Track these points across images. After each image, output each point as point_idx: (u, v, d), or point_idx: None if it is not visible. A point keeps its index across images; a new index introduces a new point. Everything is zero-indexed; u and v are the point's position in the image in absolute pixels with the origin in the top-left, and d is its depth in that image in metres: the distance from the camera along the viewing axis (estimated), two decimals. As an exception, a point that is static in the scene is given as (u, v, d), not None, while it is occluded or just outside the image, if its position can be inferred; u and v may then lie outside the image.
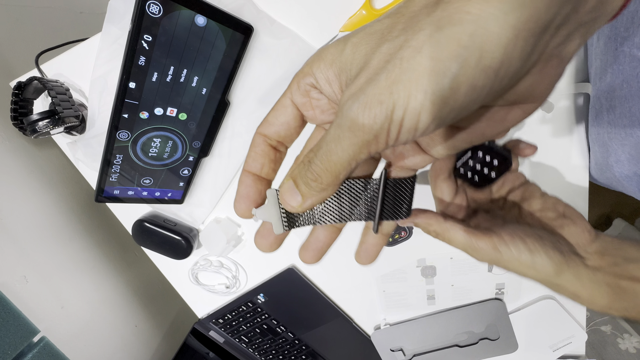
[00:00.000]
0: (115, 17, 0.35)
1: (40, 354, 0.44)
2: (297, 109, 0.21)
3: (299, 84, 0.20)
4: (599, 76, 0.36)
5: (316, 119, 0.22)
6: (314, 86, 0.19)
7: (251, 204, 0.23)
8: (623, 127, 0.34)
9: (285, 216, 0.23)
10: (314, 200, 0.19)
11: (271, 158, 0.23)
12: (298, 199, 0.19)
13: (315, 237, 0.26)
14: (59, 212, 0.54)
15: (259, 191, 0.23)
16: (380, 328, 0.56)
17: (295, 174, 0.19)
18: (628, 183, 0.38)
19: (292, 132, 0.22)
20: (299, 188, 0.19)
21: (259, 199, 0.23)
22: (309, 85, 0.20)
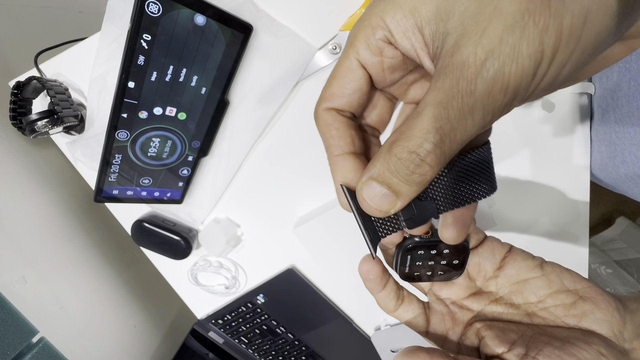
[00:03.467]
0: (114, 16, 0.35)
1: (39, 354, 0.44)
2: (366, 69, 0.17)
3: (369, 40, 0.16)
4: (606, 74, 0.36)
5: (385, 81, 0.18)
6: (388, 41, 0.16)
7: None
8: (631, 126, 0.34)
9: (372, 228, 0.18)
10: (413, 197, 0.15)
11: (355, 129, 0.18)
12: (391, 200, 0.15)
13: None
14: (57, 212, 0.54)
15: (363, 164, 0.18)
16: (380, 329, 0.55)
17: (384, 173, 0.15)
18: (634, 184, 0.37)
19: (365, 99, 0.18)
20: (396, 189, 0.15)
21: None
22: (382, 40, 0.16)
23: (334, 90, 0.18)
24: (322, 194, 0.47)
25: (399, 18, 0.15)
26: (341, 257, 0.49)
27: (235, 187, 0.47)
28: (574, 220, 0.47)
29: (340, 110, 0.18)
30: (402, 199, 0.15)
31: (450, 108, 0.13)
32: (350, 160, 0.18)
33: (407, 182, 0.15)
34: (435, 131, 0.14)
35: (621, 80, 0.34)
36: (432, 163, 0.14)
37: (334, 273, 0.51)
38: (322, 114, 0.18)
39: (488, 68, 0.12)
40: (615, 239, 1.13)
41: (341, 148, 0.18)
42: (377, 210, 0.16)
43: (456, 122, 0.13)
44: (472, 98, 0.13)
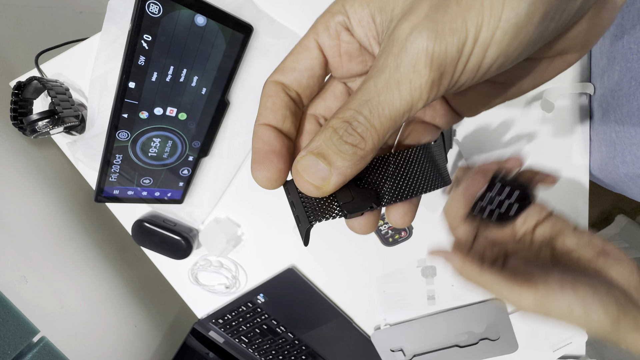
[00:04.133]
0: (115, 16, 0.35)
1: (40, 354, 0.44)
2: (323, 53, 0.17)
3: (328, 24, 0.17)
4: (606, 74, 0.36)
5: (342, 69, 0.18)
6: (345, 27, 0.16)
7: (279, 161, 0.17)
8: (632, 125, 0.34)
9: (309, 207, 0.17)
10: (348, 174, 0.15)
11: (292, 111, 0.18)
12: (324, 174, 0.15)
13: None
14: (58, 212, 0.54)
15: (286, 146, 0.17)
16: (380, 328, 0.56)
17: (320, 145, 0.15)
18: (633, 184, 0.37)
19: (314, 82, 0.18)
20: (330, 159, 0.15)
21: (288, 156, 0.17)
22: (340, 24, 0.16)
23: (286, 64, 0.17)
24: (322, 194, 0.47)
25: (356, 6, 0.16)
26: (341, 257, 0.49)
27: (236, 187, 0.47)
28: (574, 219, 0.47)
29: (286, 86, 0.17)
30: (336, 172, 0.15)
31: (379, 82, 0.13)
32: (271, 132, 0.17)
33: (340, 153, 0.14)
34: (364, 103, 0.14)
35: (622, 79, 0.34)
36: (363, 134, 0.14)
37: (334, 273, 0.51)
38: (267, 84, 0.18)
39: (412, 40, 0.13)
40: (614, 237, 1.13)
41: (268, 119, 0.17)
42: (311, 185, 0.15)
43: (383, 95, 0.13)
44: (398, 72, 0.13)
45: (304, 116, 0.19)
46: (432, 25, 0.12)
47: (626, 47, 0.33)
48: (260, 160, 0.17)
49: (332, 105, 0.19)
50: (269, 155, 0.17)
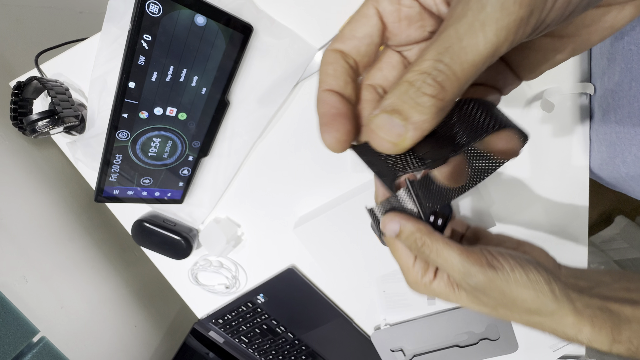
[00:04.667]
0: (114, 16, 0.35)
1: (40, 354, 0.44)
2: (382, 20, 0.17)
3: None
4: (606, 75, 0.36)
5: (400, 35, 0.17)
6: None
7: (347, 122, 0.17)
8: (632, 126, 0.34)
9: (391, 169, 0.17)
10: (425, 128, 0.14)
11: (352, 77, 0.18)
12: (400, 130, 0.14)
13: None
14: (58, 212, 0.54)
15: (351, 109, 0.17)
16: (380, 328, 0.56)
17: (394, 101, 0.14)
18: (635, 184, 0.37)
19: (372, 49, 0.18)
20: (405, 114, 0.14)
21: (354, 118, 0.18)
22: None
23: (344, 32, 0.18)
24: (322, 194, 0.47)
25: None
26: (341, 257, 0.49)
27: (236, 187, 0.47)
28: (573, 220, 0.47)
29: (345, 53, 0.18)
30: (412, 125, 0.14)
31: (460, 26, 0.13)
32: (335, 95, 0.17)
33: (417, 106, 0.13)
34: (445, 50, 0.13)
35: (622, 80, 0.34)
36: (444, 84, 0.13)
37: (334, 273, 0.51)
38: (327, 53, 0.18)
39: None
40: (614, 238, 1.13)
41: (331, 85, 0.18)
42: (387, 142, 0.15)
43: (466, 39, 0.12)
44: (484, 12, 0.12)
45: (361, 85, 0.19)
46: None
47: (626, 48, 0.33)
48: (328, 123, 0.17)
49: (389, 75, 0.19)
50: (336, 117, 0.17)
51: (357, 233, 0.47)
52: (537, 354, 0.56)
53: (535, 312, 0.21)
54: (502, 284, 0.20)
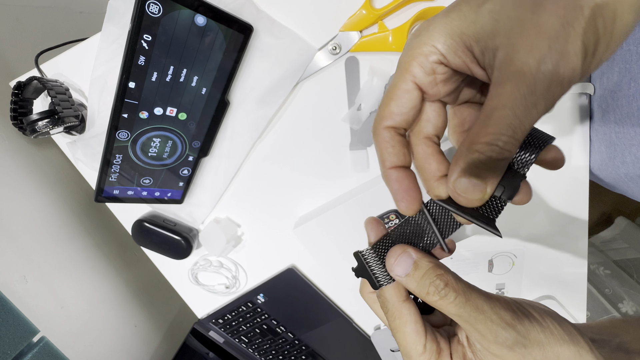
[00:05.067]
0: (115, 16, 0.35)
1: (40, 354, 0.44)
2: (421, 90, 0.20)
3: (423, 64, 0.19)
4: (605, 75, 0.36)
5: (439, 94, 0.20)
6: (440, 62, 0.19)
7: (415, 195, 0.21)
8: (631, 126, 0.34)
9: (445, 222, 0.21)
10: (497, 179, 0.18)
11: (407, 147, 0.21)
12: (482, 188, 0.17)
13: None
14: (58, 212, 0.54)
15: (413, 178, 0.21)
16: (380, 328, 0.56)
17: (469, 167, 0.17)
18: (634, 184, 0.37)
19: (417, 114, 0.21)
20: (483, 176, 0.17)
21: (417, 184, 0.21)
22: (435, 63, 0.19)
23: (392, 109, 0.20)
24: (322, 194, 0.47)
25: (449, 43, 0.18)
26: (341, 257, 0.49)
27: (236, 187, 0.47)
28: (573, 220, 0.47)
29: (396, 127, 0.21)
30: (490, 183, 0.17)
31: (516, 108, 0.16)
32: (401, 172, 0.21)
33: (491, 169, 0.17)
34: (507, 127, 0.16)
35: (621, 80, 0.34)
36: (510, 149, 0.17)
37: (333, 273, 0.51)
38: (381, 131, 0.21)
39: (543, 72, 0.15)
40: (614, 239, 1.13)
41: (393, 162, 0.21)
42: (473, 200, 0.18)
43: (523, 116, 0.16)
44: (535, 96, 0.16)
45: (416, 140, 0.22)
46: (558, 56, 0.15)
47: (625, 49, 0.33)
48: (403, 198, 0.21)
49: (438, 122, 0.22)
50: (407, 191, 0.21)
51: (357, 233, 0.47)
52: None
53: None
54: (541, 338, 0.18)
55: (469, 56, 0.18)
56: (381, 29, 0.37)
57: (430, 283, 0.19)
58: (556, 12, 0.15)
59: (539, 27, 0.16)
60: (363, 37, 0.38)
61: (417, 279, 0.20)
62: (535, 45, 0.15)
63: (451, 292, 0.19)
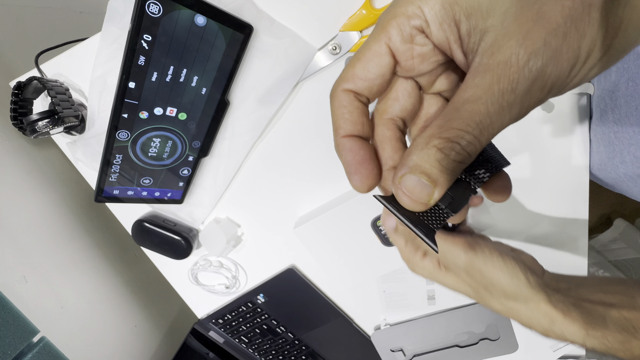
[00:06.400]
0: (114, 16, 0.35)
1: (40, 354, 0.44)
2: (394, 57, 0.17)
3: (402, 27, 0.16)
4: (603, 75, 0.36)
5: (412, 70, 0.18)
6: (421, 30, 0.16)
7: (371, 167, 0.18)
8: (630, 126, 0.34)
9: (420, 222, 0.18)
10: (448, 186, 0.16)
11: (366, 116, 0.19)
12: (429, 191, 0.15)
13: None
14: (58, 212, 0.54)
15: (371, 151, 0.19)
16: (380, 328, 0.56)
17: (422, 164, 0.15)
18: (633, 184, 0.37)
19: (385, 85, 0.18)
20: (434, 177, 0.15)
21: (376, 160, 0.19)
22: (416, 28, 0.16)
23: (356, 72, 0.17)
24: (322, 194, 0.47)
25: (437, 9, 0.15)
26: (341, 257, 0.49)
27: (236, 187, 0.47)
28: (573, 220, 0.47)
29: (358, 93, 0.18)
30: (439, 187, 0.15)
31: (490, 104, 0.14)
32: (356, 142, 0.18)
33: (445, 171, 0.15)
34: (475, 125, 0.14)
35: (619, 80, 0.34)
36: (471, 152, 0.15)
37: (334, 273, 0.51)
38: (339, 94, 0.18)
39: (531, 68, 0.13)
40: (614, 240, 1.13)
41: (348, 130, 0.18)
42: (417, 203, 0.16)
43: (495, 116, 0.14)
44: (513, 95, 0.14)
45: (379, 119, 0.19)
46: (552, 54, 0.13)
47: None
48: (355, 172, 0.18)
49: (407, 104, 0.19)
50: (362, 164, 0.18)
51: (357, 233, 0.47)
52: (537, 354, 0.56)
53: (511, 296, 0.23)
54: (481, 265, 0.23)
55: (455, 33, 0.15)
56: (381, 29, 0.37)
57: None
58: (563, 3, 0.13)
59: (539, 15, 0.13)
60: (363, 37, 0.38)
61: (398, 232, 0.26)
62: (531, 34, 0.13)
63: None
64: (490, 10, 0.14)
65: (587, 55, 0.13)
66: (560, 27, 0.13)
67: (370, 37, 0.17)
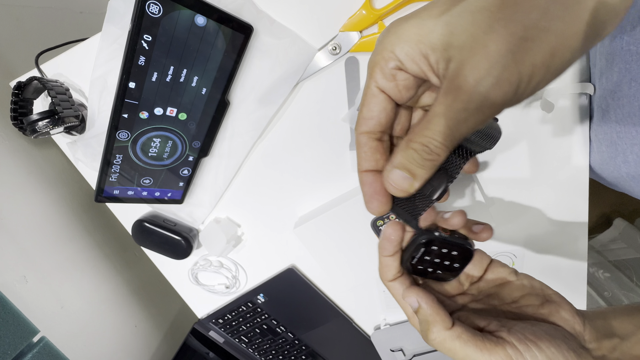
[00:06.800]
0: (115, 17, 0.35)
1: (40, 354, 0.44)
2: (386, 93, 0.21)
3: (383, 70, 0.20)
4: (605, 75, 0.36)
5: (402, 98, 0.22)
6: (399, 68, 0.20)
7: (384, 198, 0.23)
8: (633, 126, 0.34)
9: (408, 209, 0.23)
10: (426, 178, 0.20)
11: (381, 152, 0.23)
12: (409, 182, 0.20)
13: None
14: (58, 212, 0.54)
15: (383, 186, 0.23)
16: (380, 328, 0.56)
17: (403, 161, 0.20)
18: (635, 183, 0.37)
19: (390, 116, 0.22)
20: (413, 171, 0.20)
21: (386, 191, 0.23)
22: (394, 69, 0.20)
23: (364, 115, 0.22)
24: (322, 194, 0.47)
25: (406, 49, 0.19)
26: (341, 257, 0.49)
27: (236, 187, 0.47)
28: (573, 220, 0.47)
29: (371, 132, 0.22)
30: (418, 178, 0.20)
31: (450, 119, 0.18)
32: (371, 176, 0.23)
33: (420, 166, 0.20)
34: (439, 134, 0.19)
35: (621, 81, 0.34)
36: (439, 153, 0.19)
37: (333, 272, 0.51)
38: (358, 137, 0.23)
39: (479, 92, 0.17)
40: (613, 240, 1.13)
41: (366, 166, 0.23)
42: (400, 190, 0.21)
43: (454, 128, 0.18)
44: (466, 112, 0.18)
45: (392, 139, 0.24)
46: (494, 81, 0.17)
47: (625, 49, 0.33)
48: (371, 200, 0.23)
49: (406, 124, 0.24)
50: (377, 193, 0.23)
51: (357, 233, 0.47)
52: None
53: None
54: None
55: (426, 64, 0.19)
56: (381, 29, 0.37)
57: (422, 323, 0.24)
58: (504, 38, 0.16)
59: (486, 49, 0.17)
60: (363, 37, 0.38)
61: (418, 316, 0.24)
62: (478, 65, 0.17)
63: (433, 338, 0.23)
64: (449, 44, 0.18)
65: (530, 77, 0.17)
66: (501, 58, 0.16)
67: (365, 84, 0.22)
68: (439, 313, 0.23)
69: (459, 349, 0.22)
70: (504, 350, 0.21)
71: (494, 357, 0.21)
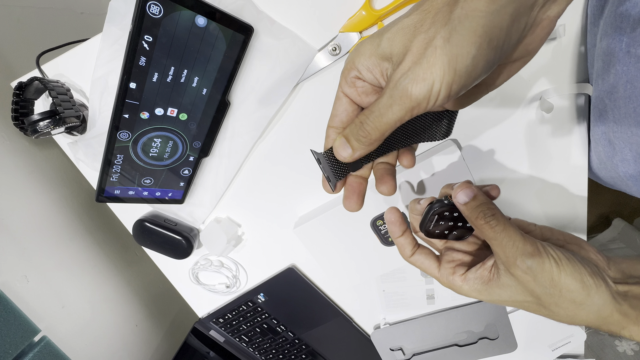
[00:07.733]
0: (115, 17, 0.35)
1: (41, 353, 0.44)
2: (349, 97, 0.26)
3: (346, 79, 0.25)
4: (602, 77, 0.36)
5: (363, 102, 0.26)
6: (358, 77, 0.25)
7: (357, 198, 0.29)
8: (629, 127, 0.34)
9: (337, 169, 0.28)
10: (361, 153, 0.24)
11: None
12: (349, 151, 0.24)
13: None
14: (59, 212, 0.54)
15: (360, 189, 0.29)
16: (380, 327, 0.56)
17: (347, 132, 0.24)
18: (633, 183, 0.38)
19: (351, 116, 0.27)
20: (351, 143, 0.24)
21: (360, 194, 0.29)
22: (354, 77, 0.25)
23: (332, 113, 0.28)
24: (322, 194, 0.48)
25: (363, 61, 0.24)
26: (341, 257, 0.49)
27: (236, 187, 0.47)
28: (572, 220, 0.47)
29: (336, 127, 0.27)
30: (355, 150, 0.24)
31: (380, 105, 0.22)
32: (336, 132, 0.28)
33: (356, 139, 0.24)
34: (370, 114, 0.23)
35: (617, 82, 0.34)
36: (370, 131, 0.23)
37: (333, 272, 0.51)
38: (327, 130, 0.28)
39: (399, 85, 0.21)
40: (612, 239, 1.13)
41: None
42: (341, 155, 0.25)
43: (383, 111, 0.22)
44: (391, 100, 0.21)
45: None
46: (411, 75, 0.20)
47: (624, 51, 0.33)
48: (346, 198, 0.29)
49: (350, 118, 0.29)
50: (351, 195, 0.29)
51: (357, 233, 0.47)
52: (535, 353, 0.56)
53: (580, 304, 0.24)
54: (553, 270, 0.24)
55: (378, 72, 0.24)
56: (381, 29, 0.38)
57: (481, 211, 0.27)
58: (423, 40, 0.20)
59: (411, 51, 0.21)
60: (363, 37, 0.38)
61: (472, 207, 0.27)
62: (404, 66, 0.21)
63: (494, 220, 0.26)
64: (389, 54, 0.22)
65: (441, 77, 0.20)
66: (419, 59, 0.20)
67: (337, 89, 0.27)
68: None
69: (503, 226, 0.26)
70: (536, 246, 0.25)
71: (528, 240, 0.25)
